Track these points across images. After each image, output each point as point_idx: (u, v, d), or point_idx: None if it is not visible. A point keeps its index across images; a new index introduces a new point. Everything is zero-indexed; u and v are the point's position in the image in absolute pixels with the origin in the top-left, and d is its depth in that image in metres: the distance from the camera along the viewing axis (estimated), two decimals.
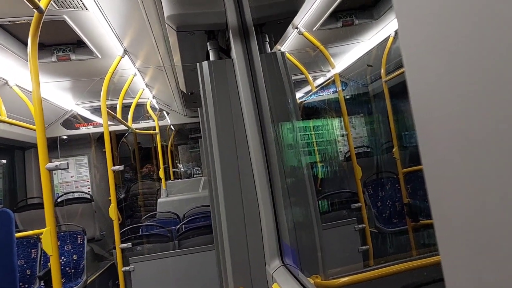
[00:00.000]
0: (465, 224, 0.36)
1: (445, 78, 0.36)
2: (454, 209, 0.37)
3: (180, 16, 1.74)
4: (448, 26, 0.35)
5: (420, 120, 0.40)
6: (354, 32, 3.88)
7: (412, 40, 0.40)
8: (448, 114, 0.36)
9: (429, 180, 0.40)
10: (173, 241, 4.00)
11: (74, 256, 4.78)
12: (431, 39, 0.37)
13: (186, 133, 8.86)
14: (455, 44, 0.34)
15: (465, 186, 0.36)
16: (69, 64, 3.88)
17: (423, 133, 0.40)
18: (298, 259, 1.63)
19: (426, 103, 0.39)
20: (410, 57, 0.41)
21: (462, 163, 0.35)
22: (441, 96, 0.37)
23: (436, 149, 0.39)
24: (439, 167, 0.39)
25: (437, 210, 0.40)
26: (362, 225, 3.79)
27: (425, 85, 0.39)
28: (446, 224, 0.39)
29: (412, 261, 1.86)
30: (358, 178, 3.92)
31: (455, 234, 0.38)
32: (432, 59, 0.37)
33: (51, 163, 2.21)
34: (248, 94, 1.71)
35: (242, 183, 1.70)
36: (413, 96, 0.40)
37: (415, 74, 0.40)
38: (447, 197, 0.38)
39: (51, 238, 2.16)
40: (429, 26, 0.37)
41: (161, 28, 2.86)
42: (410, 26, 0.40)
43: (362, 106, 6.02)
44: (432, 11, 0.36)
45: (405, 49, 0.41)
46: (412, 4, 0.39)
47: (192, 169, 9.00)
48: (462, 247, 0.37)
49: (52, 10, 2.60)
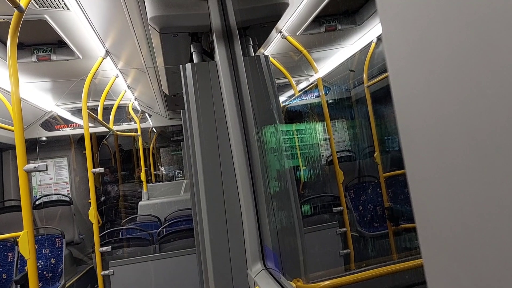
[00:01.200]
0: (447, 227, 0.37)
1: (428, 83, 0.36)
2: (436, 213, 0.38)
3: (163, 17, 1.73)
4: (432, 32, 0.35)
5: (403, 124, 0.40)
6: (337, 37, 3.92)
7: (396, 45, 0.40)
8: (431, 118, 0.36)
9: (412, 183, 0.40)
10: (154, 245, 3.96)
11: (52, 260, 4.69)
12: (414, 44, 0.37)
13: (169, 136, 8.80)
14: (438, 49, 0.34)
15: (447, 190, 0.36)
16: (49, 65, 3.81)
17: (406, 137, 0.40)
18: (280, 262, 1.63)
19: (409, 107, 0.39)
20: (394, 61, 0.41)
21: (444, 166, 0.36)
22: (424, 100, 0.37)
23: (419, 153, 0.39)
24: (421, 170, 0.39)
25: (420, 214, 0.40)
26: (344, 229, 3.82)
27: (409, 90, 0.39)
28: (429, 228, 0.39)
29: (393, 265, 1.88)
30: (340, 182, 3.94)
31: (437, 238, 0.38)
32: (415, 63, 0.38)
33: (29, 165, 2.17)
34: (231, 97, 1.71)
35: (224, 186, 1.69)
36: (397, 100, 0.41)
37: (398, 78, 0.40)
38: (430, 201, 0.38)
39: (28, 241, 2.11)
40: (413, 32, 0.37)
41: (144, 30, 2.84)
42: (394, 31, 0.40)
43: (344, 111, 6.06)
44: (416, 16, 0.37)
45: (389, 53, 0.41)
46: (396, 9, 0.39)
47: (174, 172, 8.94)
48: (444, 251, 0.37)
49: (32, 9, 2.56)
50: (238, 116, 1.70)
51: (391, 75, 0.41)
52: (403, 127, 0.40)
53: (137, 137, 6.43)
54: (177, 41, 1.95)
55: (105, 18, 2.80)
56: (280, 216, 1.79)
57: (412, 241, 3.36)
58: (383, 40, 0.42)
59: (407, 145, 0.40)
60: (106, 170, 7.38)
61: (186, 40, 1.93)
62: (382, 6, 0.41)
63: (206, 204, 1.68)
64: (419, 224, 0.40)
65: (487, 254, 0.32)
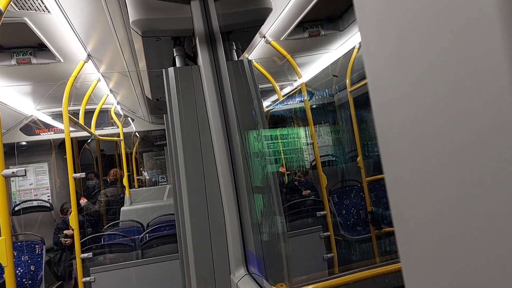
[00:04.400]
0: (424, 231, 0.37)
1: (405, 88, 0.37)
2: (414, 217, 0.38)
3: (145, 21, 1.72)
4: (408, 39, 0.36)
5: (381, 128, 0.41)
6: (321, 43, 3.95)
7: (374, 51, 0.41)
8: (409, 122, 0.37)
9: (390, 187, 0.41)
10: (136, 251, 3.92)
11: (32, 267, 4.60)
12: (392, 51, 0.38)
13: (152, 140, 8.74)
14: (414, 55, 0.35)
15: (424, 193, 0.36)
16: (29, 68, 3.75)
17: (384, 141, 0.41)
18: (263, 267, 1.63)
19: (386, 111, 0.40)
20: (372, 67, 0.41)
21: (421, 170, 0.36)
22: (400, 105, 0.38)
23: (396, 157, 0.39)
24: (399, 174, 0.40)
25: (398, 218, 0.40)
26: (327, 233, 3.83)
27: (386, 94, 0.40)
28: (406, 232, 0.40)
29: (375, 268, 1.89)
30: (323, 186, 3.96)
31: (415, 241, 0.38)
32: (392, 69, 0.38)
33: (8, 170, 2.12)
34: (215, 101, 1.70)
35: (208, 191, 1.68)
36: (375, 104, 0.41)
37: (376, 83, 0.41)
38: (408, 205, 0.39)
39: (6, 248, 2.06)
40: (391, 39, 0.38)
41: (126, 33, 2.81)
42: (372, 39, 0.41)
43: (327, 116, 6.11)
44: (393, 24, 0.37)
45: (367, 60, 0.42)
46: (374, 18, 0.40)
47: (157, 176, 8.88)
48: (421, 254, 0.38)
49: (12, 11, 2.52)
50: (221, 121, 1.70)
51: (370, 80, 0.42)
52: (381, 130, 0.41)
53: (119, 142, 6.37)
54: (160, 45, 1.93)
55: (87, 21, 2.77)
56: (263, 220, 1.79)
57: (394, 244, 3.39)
58: (362, 46, 0.43)
59: (384, 149, 0.41)
60: (90, 175, 7.19)
61: (169, 44, 1.92)
62: (360, 14, 0.42)
63: (189, 209, 1.67)
64: (397, 227, 0.41)
65: (465, 257, 0.33)
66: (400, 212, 0.40)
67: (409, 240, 0.40)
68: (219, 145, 1.67)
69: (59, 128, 6.20)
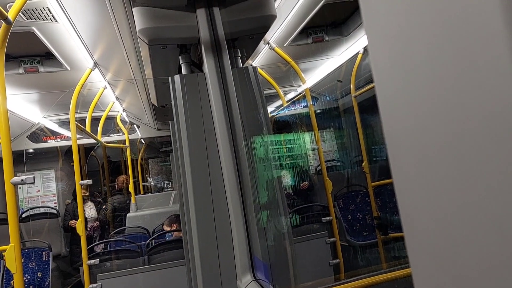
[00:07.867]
0: (434, 236, 0.37)
1: (412, 92, 0.37)
2: (424, 221, 0.38)
3: (152, 29, 1.74)
4: (415, 43, 0.36)
5: (389, 131, 0.41)
6: (325, 48, 3.96)
7: (381, 55, 0.42)
8: (417, 125, 0.37)
9: (399, 192, 0.41)
10: (143, 257, 3.92)
11: (39, 274, 4.61)
12: (399, 55, 0.39)
13: (157, 147, 8.76)
14: (420, 59, 0.36)
15: (434, 197, 0.36)
16: (37, 76, 3.78)
17: (392, 144, 0.41)
18: (270, 273, 1.63)
19: (394, 116, 0.41)
20: (379, 72, 0.42)
21: (430, 174, 0.36)
22: (408, 109, 0.38)
23: (405, 160, 0.40)
24: (408, 179, 0.40)
25: (407, 223, 0.40)
26: (333, 238, 3.82)
27: (394, 99, 0.40)
28: (416, 237, 0.40)
29: (382, 274, 1.89)
30: (329, 191, 3.96)
31: (425, 246, 0.38)
32: (400, 73, 0.39)
33: (17, 177, 2.14)
34: (220, 108, 1.71)
35: (214, 197, 1.69)
36: (382, 109, 0.42)
37: (384, 87, 0.42)
38: (417, 210, 0.39)
39: (15, 255, 2.08)
40: (397, 43, 0.39)
41: (132, 41, 2.84)
42: (379, 43, 0.42)
43: (332, 121, 6.10)
44: (400, 28, 0.38)
45: (374, 64, 0.42)
46: (380, 21, 0.41)
47: (163, 183, 8.89)
48: (431, 260, 0.38)
49: (20, 21, 2.55)
50: (227, 127, 1.71)
51: (377, 85, 0.42)
52: (389, 135, 0.41)
53: (125, 148, 6.39)
54: (166, 53, 1.96)
55: (94, 30, 2.80)
56: (269, 226, 1.79)
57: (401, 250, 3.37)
58: (369, 51, 0.43)
59: (393, 154, 0.41)
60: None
61: (175, 51, 1.94)
62: (367, 19, 0.43)
63: (195, 215, 1.68)
64: (406, 232, 0.41)
65: (476, 262, 0.32)
66: (409, 217, 0.40)
67: (419, 245, 0.39)
68: (225, 151, 1.68)
69: (65, 135, 6.24)
